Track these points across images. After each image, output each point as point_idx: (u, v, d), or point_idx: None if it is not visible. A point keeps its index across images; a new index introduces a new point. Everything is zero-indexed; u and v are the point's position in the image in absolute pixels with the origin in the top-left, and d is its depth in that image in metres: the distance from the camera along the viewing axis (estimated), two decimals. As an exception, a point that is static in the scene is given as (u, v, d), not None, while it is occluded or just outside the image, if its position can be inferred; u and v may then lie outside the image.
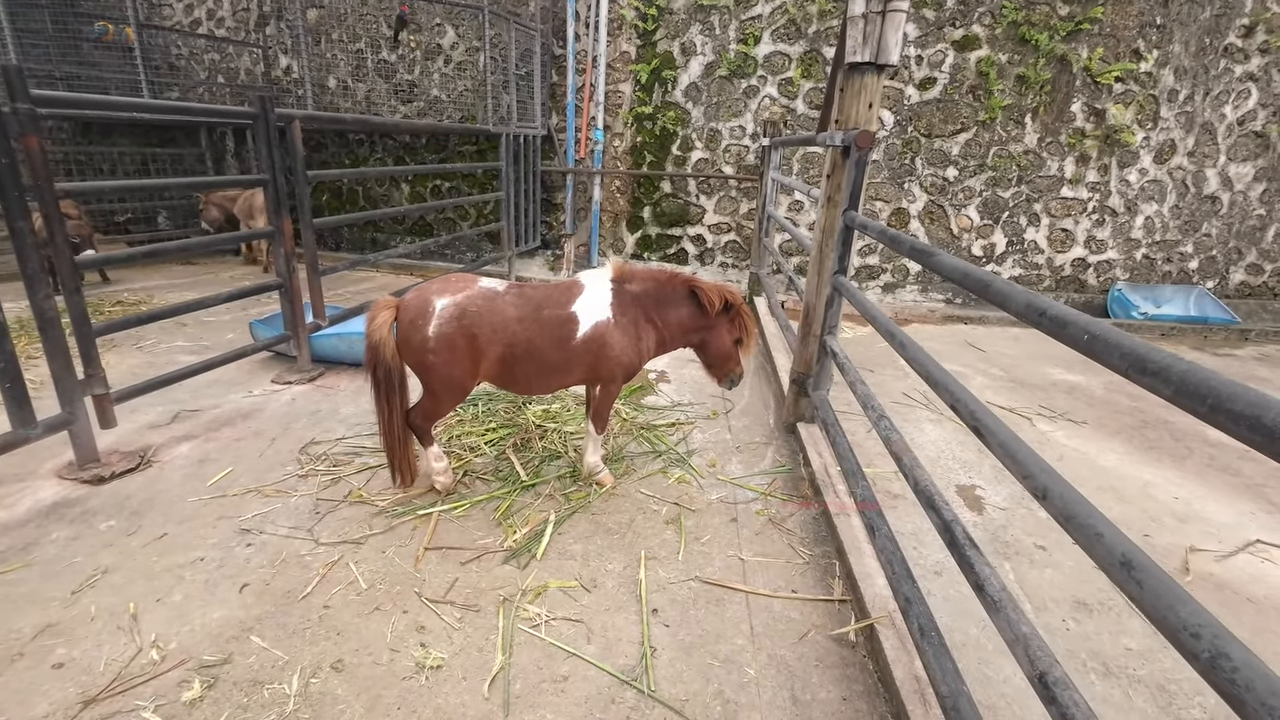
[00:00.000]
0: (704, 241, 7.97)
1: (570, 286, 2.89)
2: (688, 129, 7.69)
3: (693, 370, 4.90)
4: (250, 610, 2.24)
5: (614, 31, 7.68)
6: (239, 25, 9.41)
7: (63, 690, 1.89)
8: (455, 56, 8.38)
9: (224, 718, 1.83)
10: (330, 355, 4.65)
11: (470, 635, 2.17)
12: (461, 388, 2.81)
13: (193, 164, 9.75)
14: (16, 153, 2.67)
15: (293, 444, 3.47)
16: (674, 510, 2.99)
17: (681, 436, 3.75)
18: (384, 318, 2.71)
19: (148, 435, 3.50)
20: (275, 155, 3.99)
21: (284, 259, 4.16)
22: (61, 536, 2.60)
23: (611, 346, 2.87)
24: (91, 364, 3.06)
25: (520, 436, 3.58)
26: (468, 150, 8.52)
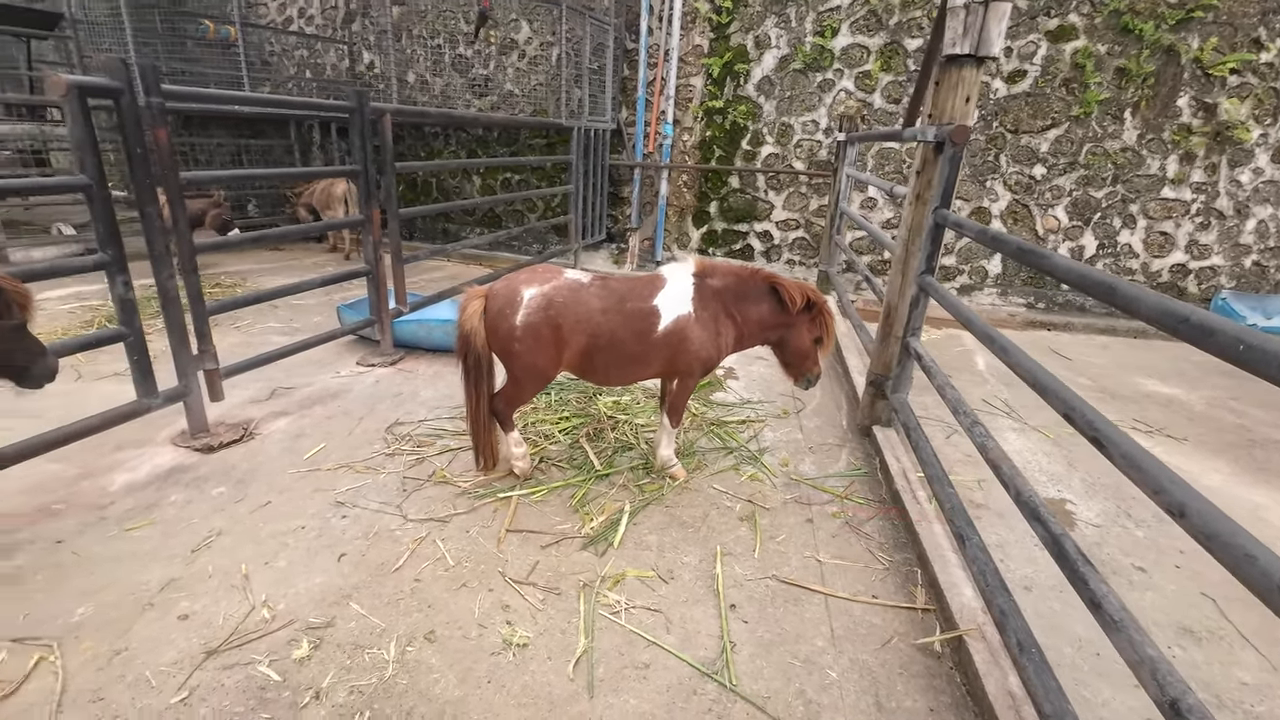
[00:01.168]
0: (771, 238, 7.86)
1: (653, 280, 2.91)
2: (759, 123, 7.59)
3: (761, 367, 4.86)
4: (348, 579, 2.37)
5: (687, 25, 7.64)
6: (327, 23, 9.86)
7: (188, 640, 2.05)
8: (529, 51, 8.53)
9: (330, 677, 1.95)
10: (410, 340, 4.84)
11: (553, 617, 2.23)
12: (544, 376, 2.87)
13: (281, 155, 10.29)
14: (148, 144, 2.88)
15: (378, 424, 3.64)
16: (748, 507, 2.98)
17: (752, 434, 3.73)
18: (475, 307, 2.80)
19: (249, 409, 3.73)
20: (368, 147, 4.17)
21: (371, 247, 4.35)
22: (179, 499, 2.82)
23: (691, 340, 2.88)
24: (204, 341, 3.29)
25: (593, 426, 3.63)
26: (537, 144, 8.66)
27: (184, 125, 10.30)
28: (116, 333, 2.94)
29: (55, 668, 1.92)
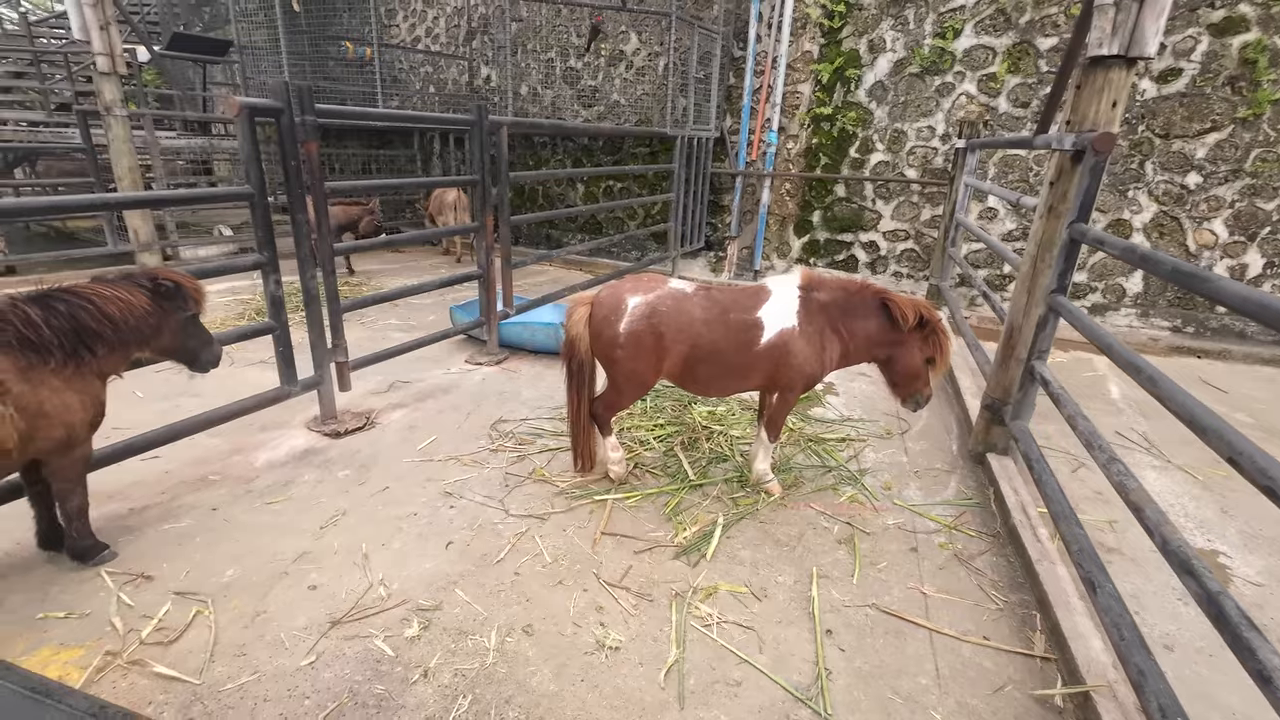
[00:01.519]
0: (877, 248, 7.55)
1: (757, 291, 2.88)
2: (869, 130, 7.32)
3: (863, 384, 4.67)
4: (454, 566, 2.51)
5: (797, 31, 7.51)
6: (450, 40, 10.54)
7: (315, 609, 2.25)
8: (637, 62, 8.71)
9: (437, 658, 2.07)
10: (514, 341, 5.06)
11: (645, 623, 2.26)
12: (644, 383, 2.92)
13: (404, 164, 11.11)
14: (302, 157, 3.21)
15: (484, 420, 3.83)
16: (846, 530, 2.87)
17: (853, 454, 3.59)
18: (581, 313, 2.89)
19: (370, 400, 4.05)
20: (486, 158, 4.41)
21: (484, 251, 4.59)
22: (310, 479, 3.10)
23: (794, 354, 2.82)
24: (337, 335, 3.60)
25: (687, 435, 3.64)
26: (640, 152, 8.81)
27: (322, 138, 11.37)
28: (267, 326, 3.28)
29: (209, 621, 2.17)
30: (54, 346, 2.15)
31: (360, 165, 10.97)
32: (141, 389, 3.91)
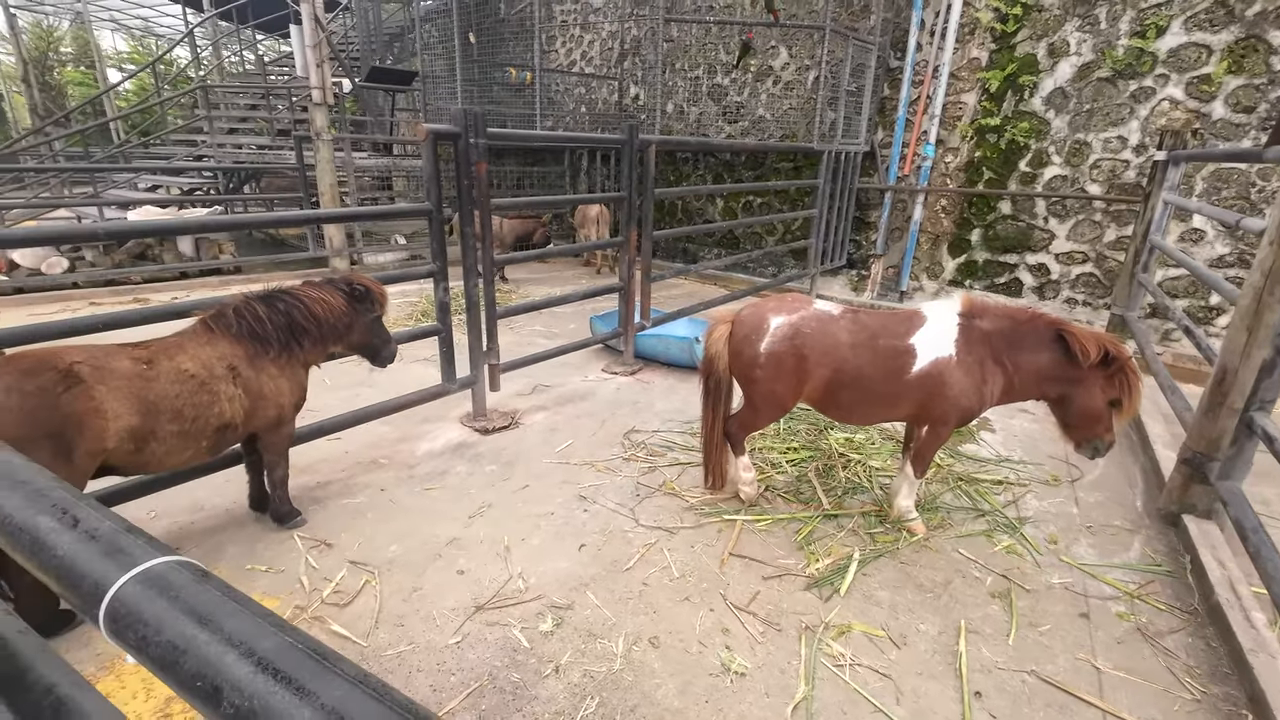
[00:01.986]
0: (1047, 272, 6.81)
1: (910, 317, 2.72)
2: (1043, 141, 6.64)
3: (1025, 421, 4.23)
4: (586, 569, 2.61)
5: (964, 37, 7.02)
6: (604, 62, 11.07)
7: (463, 593, 2.44)
8: (785, 76, 8.60)
9: (567, 656, 2.16)
10: (648, 353, 5.17)
11: (772, 653, 2.20)
12: (782, 405, 2.85)
13: (554, 180, 11.81)
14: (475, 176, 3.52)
15: (617, 429, 3.95)
16: (1001, 583, 2.61)
17: (1011, 499, 3.26)
18: (721, 331, 2.90)
19: (514, 401, 4.33)
20: (634, 175, 4.57)
21: (626, 265, 4.75)
22: (462, 470, 3.38)
23: (950, 386, 2.62)
24: (492, 339, 3.90)
25: (823, 461, 3.50)
26: (784, 167, 8.67)
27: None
28: (434, 328, 3.64)
29: (375, 591, 2.43)
30: (273, 339, 2.53)
31: (515, 181, 11.82)
32: (330, 378, 4.48)
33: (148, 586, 0.50)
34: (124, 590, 0.50)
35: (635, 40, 10.49)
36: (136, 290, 6.76)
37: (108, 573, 0.51)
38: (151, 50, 24.79)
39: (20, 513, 0.59)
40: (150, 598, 0.49)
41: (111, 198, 8.47)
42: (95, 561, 0.52)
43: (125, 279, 6.96)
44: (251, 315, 2.50)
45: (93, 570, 0.52)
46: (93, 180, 8.34)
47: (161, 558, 0.53)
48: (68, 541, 0.55)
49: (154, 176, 9.73)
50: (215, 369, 2.36)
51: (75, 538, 0.55)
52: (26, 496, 0.60)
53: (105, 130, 13.72)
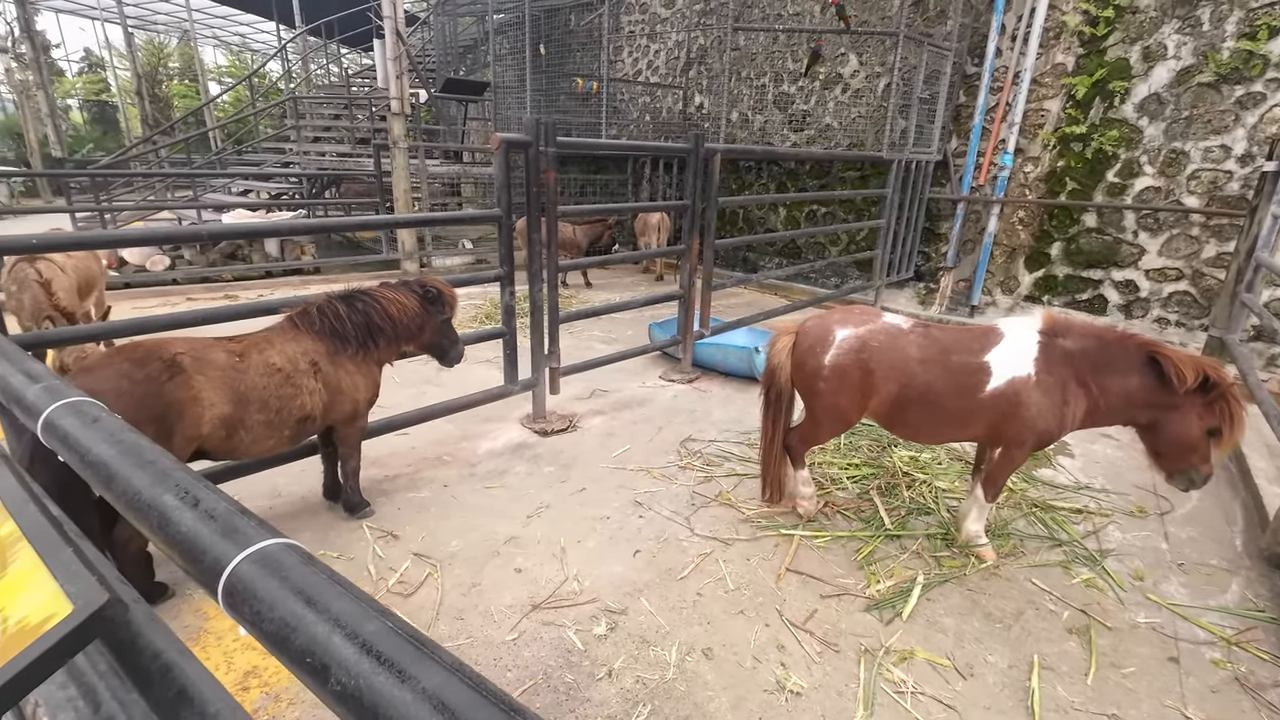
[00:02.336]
0: (1135, 289, 6.39)
1: (986, 333, 2.61)
2: (1135, 150, 6.25)
3: (1107, 447, 3.98)
4: (640, 574, 2.61)
5: (1048, 42, 6.70)
6: (669, 71, 11.14)
7: (520, 591, 2.49)
8: (854, 84, 8.42)
9: (620, 660, 2.17)
10: (706, 361, 5.15)
11: (829, 674, 2.14)
12: (845, 419, 2.79)
13: (616, 188, 11.95)
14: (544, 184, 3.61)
15: (674, 436, 3.94)
16: (1079, 618, 2.45)
17: (1091, 529, 3.06)
18: (784, 343, 2.86)
19: (573, 405, 4.39)
20: (698, 183, 4.57)
21: (688, 273, 4.75)
22: (521, 470, 3.45)
23: (1027, 407, 2.49)
24: (553, 343, 3.97)
25: (885, 480, 3.39)
26: (850, 176, 8.48)
27: (550, 163, 12.66)
28: (498, 331, 3.74)
29: (437, 584, 2.51)
30: (351, 337, 2.66)
31: (579, 189, 12.02)
32: (399, 375, 4.67)
33: (260, 566, 0.54)
34: (240, 568, 0.54)
35: (701, 49, 10.52)
36: (227, 287, 7.25)
37: (225, 551, 0.55)
38: (247, 64, 26.63)
39: (148, 490, 0.64)
40: (263, 576, 0.53)
41: (208, 201, 9.13)
42: (214, 539, 0.57)
43: (218, 277, 7.47)
44: (333, 314, 2.63)
45: (212, 547, 0.56)
46: (193, 185, 8.99)
47: (272, 539, 0.56)
48: (190, 520, 0.59)
49: (245, 182, 10.42)
50: (299, 364, 2.50)
51: (196, 516, 0.59)
52: (153, 476, 0.66)
53: (205, 139, 14.79)
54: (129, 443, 0.74)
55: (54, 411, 0.82)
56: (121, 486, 0.67)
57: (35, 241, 2.22)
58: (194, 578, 0.58)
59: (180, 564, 0.59)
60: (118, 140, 20.83)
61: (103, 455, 0.72)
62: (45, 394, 0.86)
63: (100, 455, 0.72)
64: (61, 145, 15.37)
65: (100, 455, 0.72)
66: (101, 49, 22.77)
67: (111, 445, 0.73)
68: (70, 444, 0.77)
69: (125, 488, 0.66)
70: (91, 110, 23.52)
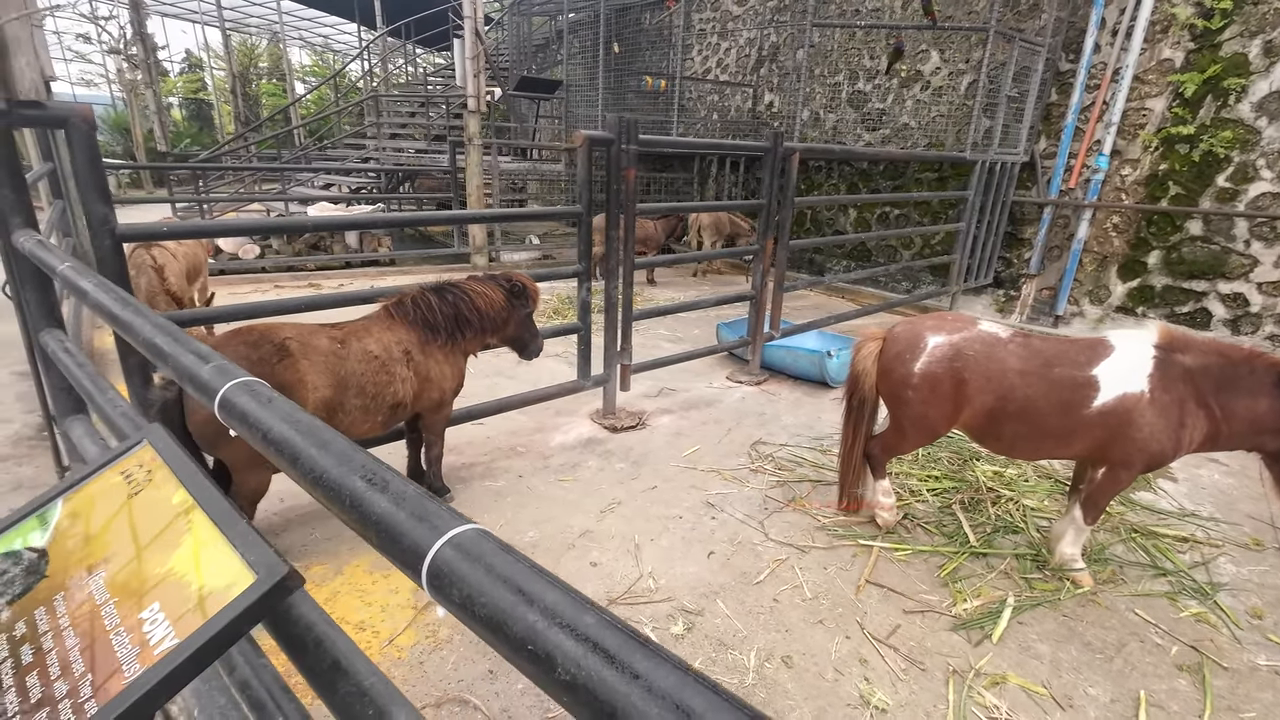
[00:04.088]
0: (1245, 302, 5.91)
1: (1093, 345, 2.46)
2: (1251, 153, 5.78)
3: (1214, 472, 3.70)
4: (716, 576, 2.59)
5: (1154, 36, 6.27)
6: (739, 70, 11.02)
7: (597, 584, 2.51)
8: (935, 82, 8.12)
9: (699, 661, 2.16)
10: (775, 364, 5.07)
11: (915, 692, 2.07)
12: (933, 430, 2.68)
13: (681, 186, 11.91)
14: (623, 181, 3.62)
15: (743, 438, 3.90)
16: (1190, 655, 2.28)
17: (1200, 560, 2.85)
18: (870, 349, 2.77)
19: (641, 402, 4.40)
20: (775, 183, 4.50)
21: (760, 274, 4.69)
22: (593, 465, 3.48)
23: (1139, 426, 2.34)
24: (625, 340, 3.99)
25: (969, 494, 3.25)
26: (927, 177, 8.18)
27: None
28: (574, 326, 3.78)
29: (516, 572, 2.56)
30: (441, 328, 2.74)
31: (644, 185, 12.04)
32: (474, 367, 4.79)
33: (460, 551, 0.55)
34: (441, 553, 0.55)
35: (774, 47, 10.36)
36: (310, 276, 7.62)
37: (424, 536, 0.57)
38: (329, 63, 27.94)
39: (334, 471, 0.67)
40: (466, 561, 0.54)
41: (294, 194, 9.63)
42: (410, 524, 0.58)
43: (302, 266, 7.86)
44: (425, 305, 2.72)
45: (410, 532, 0.58)
46: (281, 178, 9.49)
47: (465, 525, 0.58)
48: (383, 503, 0.61)
49: (329, 176, 10.92)
50: (394, 352, 2.59)
51: (388, 500, 0.61)
52: (337, 458, 0.69)
53: (290, 135, 15.59)
54: (305, 423, 0.77)
55: (230, 390, 0.87)
56: (308, 466, 0.70)
57: (165, 229, 2.40)
58: (392, 559, 0.60)
59: (376, 544, 0.61)
60: (212, 136, 22.22)
61: (284, 434, 0.76)
62: (218, 374, 0.92)
63: (282, 434, 0.76)
64: (165, 140, 16.50)
65: (282, 434, 0.76)
66: (200, 50, 24.31)
67: (290, 425, 0.77)
68: (250, 422, 0.81)
69: (312, 467, 0.69)
70: (189, 107, 25.17)
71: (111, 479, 1.03)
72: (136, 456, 1.07)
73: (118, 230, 2.16)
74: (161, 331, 1.06)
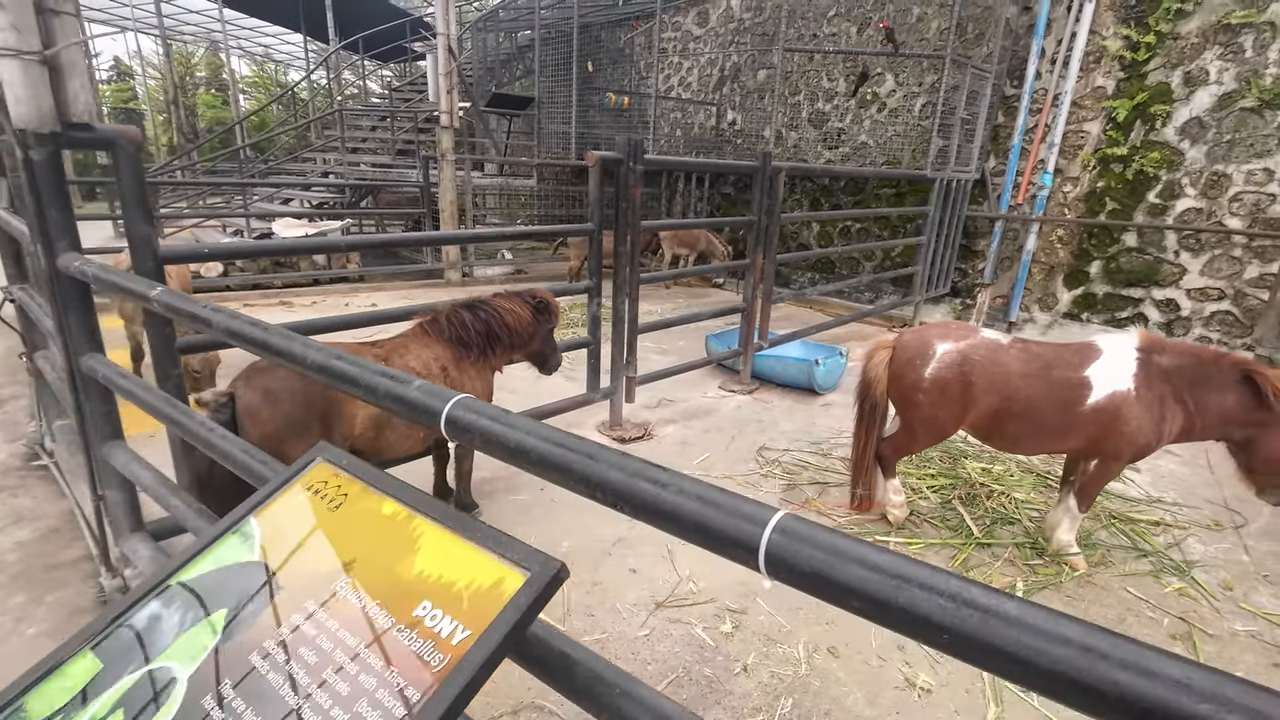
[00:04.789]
0: (1176, 307, 6.50)
1: (1084, 349, 2.73)
2: (1176, 172, 6.39)
3: (1170, 463, 4.07)
4: (750, 576, 2.71)
5: (1088, 66, 6.87)
6: (701, 88, 11.36)
7: (639, 590, 2.60)
8: (890, 103, 8.60)
9: (751, 656, 2.27)
10: (764, 373, 5.26)
11: (953, 673, 2.24)
12: (942, 431, 2.90)
13: (647, 202, 12.13)
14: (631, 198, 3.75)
15: (748, 445, 4.05)
16: (1179, 625, 2.55)
17: (1172, 541, 3.16)
18: (881, 357, 2.97)
19: (644, 413, 4.51)
20: (764, 199, 4.72)
21: (751, 287, 4.88)
22: (610, 476, 3.55)
23: (1126, 421, 2.60)
24: (631, 353, 4.10)
25: (964, 490, 3.50)
26: (885, 193, 8.64)
27: (576, 176, 12.84)
28: (585, 340, 3.87)
29: (561, 582, 2.61)
30: (474, 344, 2.79)
31: (608, 202, 12.18)
32: (469, 382, 4.79)
33: (787, 535, 0.65)
34: (772, 540, 0.65)
35: (735, 67, 10.73)
36: (281, 294, 7.40)
37: (747, 528, 0.67)
38: (270, 74, 27.05)
39: (629, 482, 0.76)
40: (794, 543, 0.65)
41: (257, 210, 9.33)
42: (732, 520, 0.68)
43: (270, 283, 7.63)
44: (459, 322, 2.76)
45: (733, 526, 0.68)
46: (244, 193, 9.19)
47: (780, 512, 0.68)
48: (693, 505, 0.71)
49: (291, 191, 10.62)
50: (432, 368, 2.62)
51: (702, 503, 0.71)
52: (626, 472, 0.78)
53: (239, 150, 15.05)
54: (541, 432, 0.86)
55: (454, 409, 0.94)
56: (583, 474, 0.79)
57: (207, 250, 2.36)
58: (730, 555, 0.69)
59: (698, 542, 0.71)
60: (146, 149, 21.15)
61: (531, 444, 0.84)
62: (428, 394, 0.99)
63: (528, 444, 0.85)
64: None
65: (528, 444, 0.85)
66: (131, 58, 23.17)
67: (530, 435, 0.85)
68: (487, 436, 0.89)
69: (590, 475, 0.78)
70: (118, 118, 23.88)
71: (298, 496, 1.08)
72: (315, 474, 1.11)
73: (160, 252, 2.13)
74: (347, 361, 1.11)
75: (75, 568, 2.51)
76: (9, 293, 2.80)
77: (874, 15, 8.68)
